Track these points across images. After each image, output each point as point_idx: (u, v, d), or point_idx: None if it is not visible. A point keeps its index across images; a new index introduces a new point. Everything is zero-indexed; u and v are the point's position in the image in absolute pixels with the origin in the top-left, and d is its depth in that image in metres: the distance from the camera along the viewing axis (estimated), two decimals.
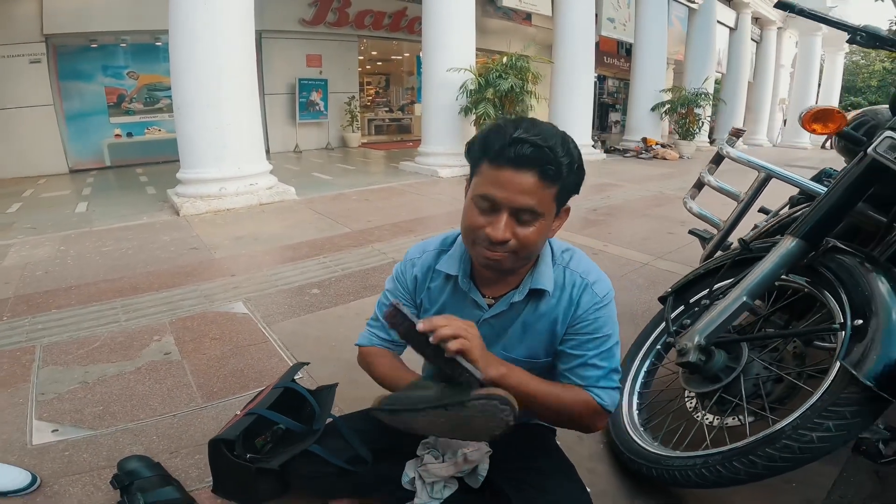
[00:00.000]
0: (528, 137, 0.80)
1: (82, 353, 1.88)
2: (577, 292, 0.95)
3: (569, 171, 0.83)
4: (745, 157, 1.55)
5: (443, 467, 1.00)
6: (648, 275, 2.64)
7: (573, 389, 0.94)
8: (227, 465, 1.06)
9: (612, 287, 0.97)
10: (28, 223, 4.08)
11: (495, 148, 0.82)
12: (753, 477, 0.94)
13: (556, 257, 0.99)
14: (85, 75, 7.62)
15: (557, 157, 0.81)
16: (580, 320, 0.94)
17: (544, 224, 0.86)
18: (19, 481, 1.20)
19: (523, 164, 0.80)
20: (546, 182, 0.82)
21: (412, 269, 1.05)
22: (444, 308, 1.02)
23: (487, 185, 0.84)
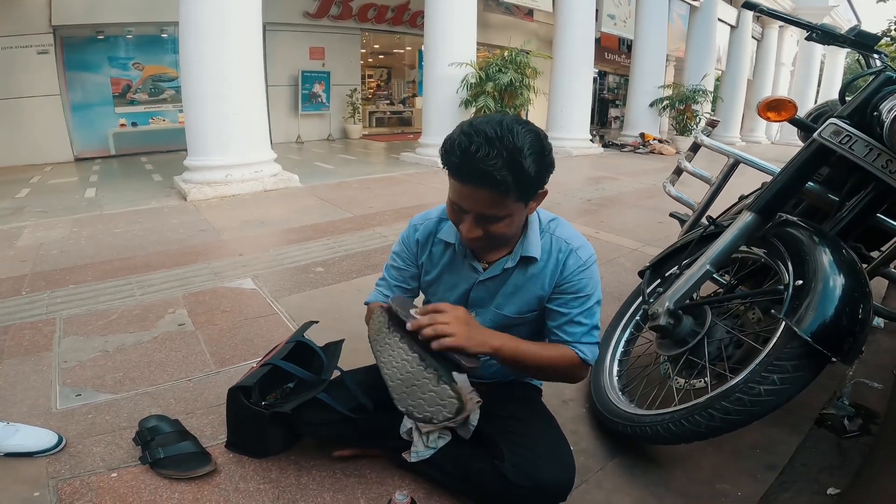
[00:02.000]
0: (475, 161, 0.85)
1: (101, 324, 1.98)
2: (562, 256, 1.06)
3: (524, 180, 0.88)
4: (716, 145, 1.68)
5: None
6: (637, 259, 2.76)
7: (559, 348, 1.06)
8: (243, 412, 1.18)
9: (594, 251, 1.09)
10: (39, 207, 4.20)
11: (451, 166, 0.90)
12: (713, 430, 1.04)
13: (542, 226, 1.09)
14: (91, 66, 7.70)
15: (506, 177, 0.86)
16: (566, 281, 1.05)
17: (511, 220, 0.95)
18: (46, 442, 1.26)
19: (476, 182, 0.87)
20: (501, 194, 0.88)
21: (414, 234, 1.16)
22: (444, 270, 1.14)
23: (453, 193, 0.94)
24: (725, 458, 1.27)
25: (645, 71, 9.55)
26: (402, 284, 1.20)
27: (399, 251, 1.19)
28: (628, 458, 1.28)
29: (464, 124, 0.91)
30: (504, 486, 1.01)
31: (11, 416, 1.38)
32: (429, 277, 1.17)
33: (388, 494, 1.13)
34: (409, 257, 1.18)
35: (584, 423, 1.40)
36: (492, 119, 0.89)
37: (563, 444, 1.09)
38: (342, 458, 1.23)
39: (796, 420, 1.40)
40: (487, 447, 1.10)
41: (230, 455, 1.24)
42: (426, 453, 1.13)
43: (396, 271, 1.20)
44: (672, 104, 9.45)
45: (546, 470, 1.00)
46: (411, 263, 1.19)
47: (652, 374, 1.40)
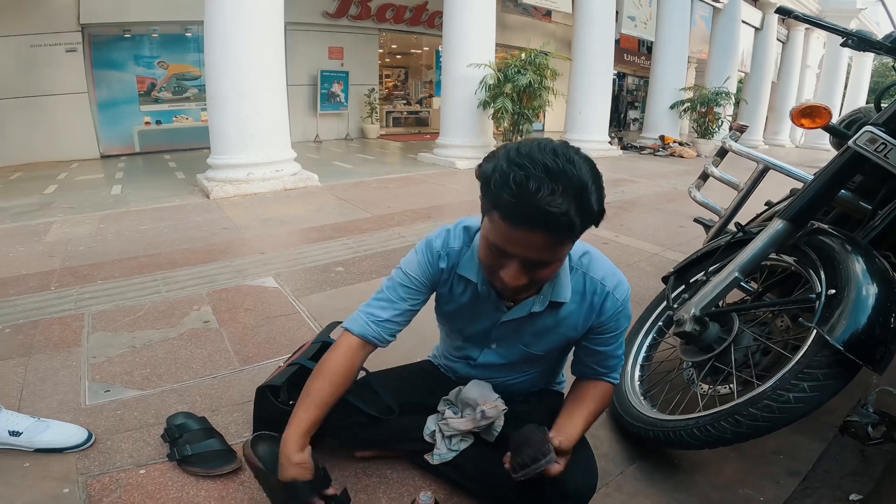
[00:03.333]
0: (539, 204, 0.72)
1: (129, 320, 2.01)
2: (598, 300, 0.98)
3: (590, 219, 0.78)
4: (745, 150, 1.66)
5: (461, 422, 1.11)
6: (657, 263, 2.74)
7: (598, 390, 1.07)
8: (270, 410, 1.19)
9: (628, 285, 1.01)
10: (66, 203, 4.31)
11: (503, 205, 0.76)
12: (738, 436, 1.04)
13: (573, 262, 0.98)
14: (118, 64, 7.87)
15: (572, 220, 0.74)
16: (603, 324, 1.00)
17: (562, 261, 0.87)
18: (76, 438, 1.28)
19: (536, 227, 0.75)
20: (561, 238, 0.79)
21: (439, 262, 1.03)
22: (464, 306, 1.05)
23: (498, 236, 0.80)
24: (748, 464, 1.27)
25: (666, 73, 9.44)
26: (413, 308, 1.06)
27: (416, 274, 1.04)
28: (649, 463, 1.27)
29: (510, 152, 0.77)
30: (526, 490, 1.01)
31: (41, 411, 1.40)
32: (447, 309, 1.10)
33: (409, 494, 1.14)
34: (424, 281, 1.04)
35: (605, 427, 1.40)
36: (543, 146, 0.76)
37: (586, 450, 1.08)
38: (364, 459, 1.24)
39: (820, 427, 1.39)
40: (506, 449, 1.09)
41: None
42: (448, 456, 1.13)
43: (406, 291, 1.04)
44: (693, 106, 9.32)
45: (569, 477, 0.98)
46: (426, 289, 1.06)
47: (675, 379, 1.39)
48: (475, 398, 1.11)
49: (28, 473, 1.18)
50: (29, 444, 1.24)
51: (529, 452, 0.91)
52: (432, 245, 1.03)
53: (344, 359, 1.03)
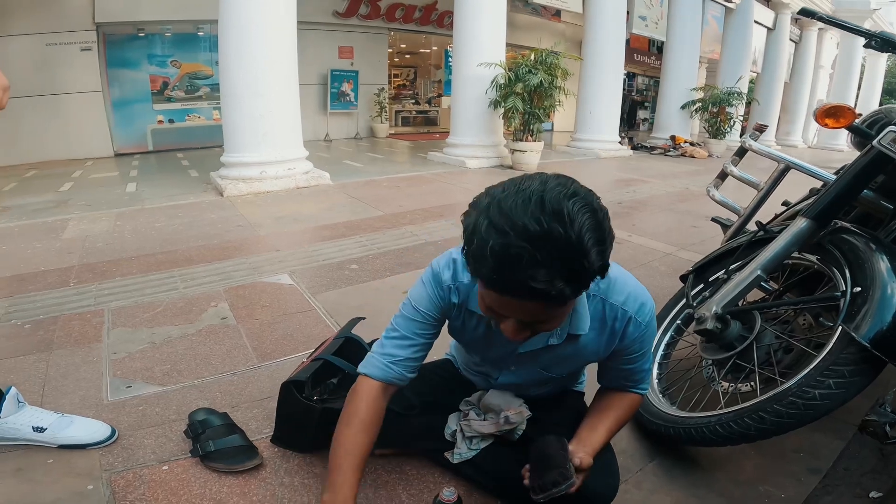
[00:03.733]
0: (520, 276, 0.64)
1: (148, 316, 2.03)
2: (620, 325, 0.92)
3: (587, 280, 0.69)
4: (765, 150, 1.65)
5: (484, 425, 1.12)
6: (671, 263, 2.73)
7: (625, 400, 1.05)
8: (294, 406, 1.19)
9: (651, 301, 0.95)
10: (82, 200, 4.37)
11: (489, 280, 0.69)
12: (762, 433, 1.04)
13: (590, 289, 0.86)
14: (132, 63, 7.94)
15: (560, 290, 0.66)
16: (627, 347, 0.96)
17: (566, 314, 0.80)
18: (100, 434, 1.28)
19: (524, 298, 0.68)
20: (556, 304, 0.70)
21: (450, 296, 0.97)
22: (480, 337, 1.01)
23: (489, 299, 0.75)
24: (768, 462, 1.27)
25: (677, 73, 9.40)
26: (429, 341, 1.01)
27: (427, 309, 0.98)
28: (668, 460, 1.27)
29: (491, 208, 0.66)
30: None
31: (64, 406, 1.40)
32: (462, 339, 1.09)
33: (428, 491, 1.15)
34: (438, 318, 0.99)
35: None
36: (528, 198, 0.65)
37: (608, 453, 1.07)
38: (383, 456, 1.24)
39: (840, 426, 1.39)
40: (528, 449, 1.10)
41: (275, 449, 1.27)
42: (469, 455, 1.14)
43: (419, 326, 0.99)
44: (705, 107, 9.26)
45: (591, 480, 0.97)
46: (438, 323, 1.01)
47: (694, 377, 1.39)
48: (499, 404, 1.12)
49: (52, 470, 1.19)
50: (53, 441, 1.25)
51: (551, 476, 0.89)
52: (441, 278, 0.96)
53: (372, 407, 0.98)
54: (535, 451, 0.95)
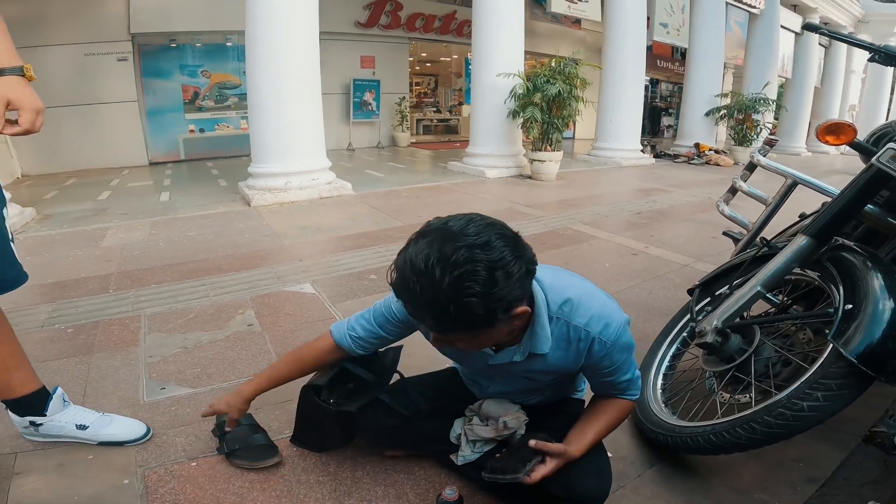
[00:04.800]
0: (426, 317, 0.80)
1: (181, 322, 2.15)
2: (584, 346, 0.98)
3: (490, 314, 0.78)
4: (773, 165, 1.68)
5: (485, 430, 1.19)
6: (687, 275, 2.74)
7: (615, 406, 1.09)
8: (312, 408, 1.27)
9: (619, 321, 0.98)
10: (120, 209, 4.59)
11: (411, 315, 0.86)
12: (753, 442, 1.08)
13: (553, 311, 0.97)
14: (165, 73, 8.24)
15: (461, 326, 0.80)
16: (596, 363, 1.01)
17: (503, 331, 0.88)
18: (137, 432, 1.38)
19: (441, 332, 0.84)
20: (471, 332, 0.83)
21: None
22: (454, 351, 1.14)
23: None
24: (766, 470, 1.30)
25: (700, 79, 9.29)
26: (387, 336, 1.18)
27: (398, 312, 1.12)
28: (667, 467, 1.31)
29: (409, 249, 0.81)
30: (541, 493, 1.07)
31: (104, 406, 1.50)
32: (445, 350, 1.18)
33: (434, 490, 1.22)
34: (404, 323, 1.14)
35: (625, 433, 1.44)
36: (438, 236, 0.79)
37: (601, 455, 1.13)
38: (393, 457, 1.32)
39: (843, 436, 1.41)
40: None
41: (294, 449, 1.36)
42: (472, 457, 1.21)
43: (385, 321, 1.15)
44: (730, 113, 9.12)
45: (582, 481, 1.04)
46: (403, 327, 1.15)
47: (697, 388, 1.43)
48: (496, 411, 1.18)
49: (91, 465, 1.29)
50: (94, 438, 1.35)
51: (510, 464, 1.00)
52: None
53: (316, 355, 1.23)
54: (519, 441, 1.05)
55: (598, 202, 4.78)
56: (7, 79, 1.00)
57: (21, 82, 1.02)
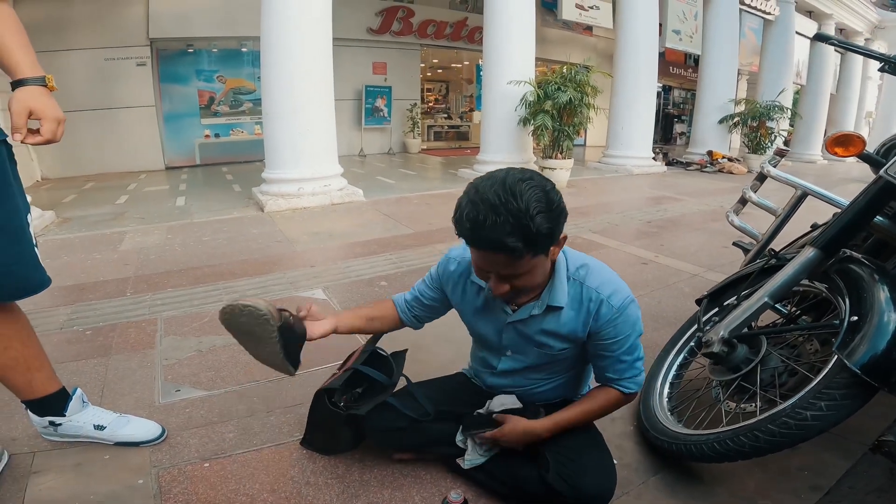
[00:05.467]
0: (484, 233, 0.90)
1: (196, 325, 2.19)
2: (593, 307, 1.08)
3: (535, 239, 0.91)
4: (783, 176, 1.68)
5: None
6: (697, 284, 2.73)
7: (602, 394, 1.17)
8: (323, 411, 1.31)
9: (628, 293, 1.10)
10: (137, 213, 4.69)
11: (463, 236, 0.95)
12: (756, 451, 1.09)
13: (571, 272, 1.11)
14: (182, 78, 8.37)
15: (514, 244, 0.89)
16: (601, 329, 1.09)
17: (535, 271, 1.00)
18: (153, 433, 1.42)
19: (492, 250, 0.92)
20: (516, 256, 0.92)
21: (450, 266, 1.24)
22: (478, 310, 1.22)
23: (473, 256, 1.02)
24: (771, 478, 1.30)
25: (714, 86, 9.24)
26: (422, 298, 1.32)
27: (433, 276, 1.29)
28: (671, 475, 1.32)
29: (470, 190, 0.95)
30: (547, 492, 1.11)
31: (120, 407, 1.54)
32: (467, 313, 1.26)
33: (440, 494, 1.24)
34: (437, 286, 1.28)
35: (630, 440, 1.45)
36: (496, 180, 0.92)
37: (605, 455, 1.17)
38: (401, 461, 1.34)
39: (849, 445, 1.41)
40: (534, 456, 1.19)
41: (304, 451, 1.39)
42: (479, 460, 1.23)
43: (424, 287, 1.32)
44: (744, 121, 9.06)
45: (588, 479, 1.08)
46: (437, 290, 1.29)
47: (703, 397, 1.44)
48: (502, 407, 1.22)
49: (108, 465, 1.32)
50: (111, 438, 1.38)
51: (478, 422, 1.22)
52: (450, 254, 1.25)
53: (381, 310, 1.35)
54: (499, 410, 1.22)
55: (609, 210, 4.77)
56: (30, 89, 1.04)
57: (43, 92, 1.06)
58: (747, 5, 9.70)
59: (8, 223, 1.09)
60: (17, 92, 1.04)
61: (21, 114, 1.02)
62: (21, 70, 1.05)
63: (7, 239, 1.09)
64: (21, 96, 1.03)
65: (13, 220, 1.10)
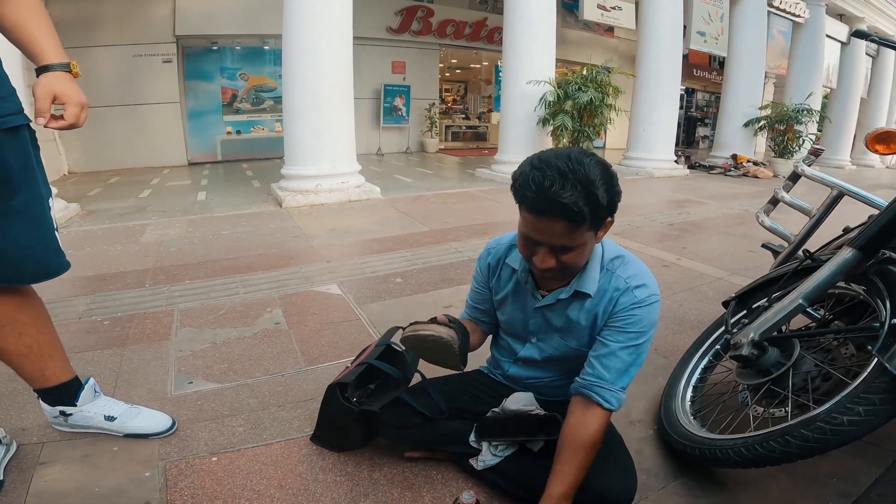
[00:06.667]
0: (551, 195, 0.89)
1: (211, 318, 2.20)
2: (617, 294, 1.07)
3: (595, 211, 0.92)
4: (819, 175, 1.61)
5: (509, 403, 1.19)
6: (720, 288, 2.65)
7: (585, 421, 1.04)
8: (336, 406, 1.28)
9: (655, 292, 1.07)
10: (159, 207, 4.77)
11: (526, 200, 0.94)
12: (787, 456, 1.04)
13: (605, 262, 1.10)
14: (206, 75, 8.53)
15: (581, 208, 0.89)
16: (616, 314, 1.07)
17: (584, 248, 0.99)
18: (163, 425, 1.40)
19: (552, 214, 0.91)
20: (574, 225, 0.92)
21: (487, 257, 1.26)
22: (510, 294, 1.21)
23: (527, 227, 0.98)
24: (797, 485, 1.25)
25: (739, 89, 9.03)
26: (478, 305, 1.31)
27: (475, 275, 1.30)
28: (692, 480, 1.27)
29: (532, 159, 0.95)
30: None
31: (132, 398, 1.53)
32: (497, 298, 1.25)
33: (451, 495, 1.20)
34: (482, 280, 1.29)
35: (650, 444, 1.41)
36: (559, 153, 0.93)
37: (627, 458, 1.13)
38: (412, 459, 1.31)
39: (880, 452, 1.35)
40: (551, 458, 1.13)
41: (313, 447, 1.36)
42: (492, 461, 1.20)
43: (474, 293, 1.32)
44: (771, 124, 8.83)
45: (609, 482, 1.04)
46: (484, 286, 1.28)
47: (728, 401, 1.39)
48: (518, 407, 1.18)
49: (116, 457, 1.31)
50: (120, 429, 1.36)
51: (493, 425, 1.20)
52: (486, 246, 1.28)
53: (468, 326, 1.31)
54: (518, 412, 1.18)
55: (630, 213, 4.68)
56: (54, 74, 1.05)
57: (68, 78, 1.07)
58: (776, 7, 9.48)
59: (30, 208, 1.09)
60: (42, 77, 1.04)
61: (45, 98, 1.03)
62: (46, 56, 1.05)
63: (29, 223, 1.09)
64: (46, 81, 1.04)
65: (35, 204, 1.11)
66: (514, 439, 1.18)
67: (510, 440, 1.19)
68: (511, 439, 1.19)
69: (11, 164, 1.04)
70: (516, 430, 1.17)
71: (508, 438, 1.18)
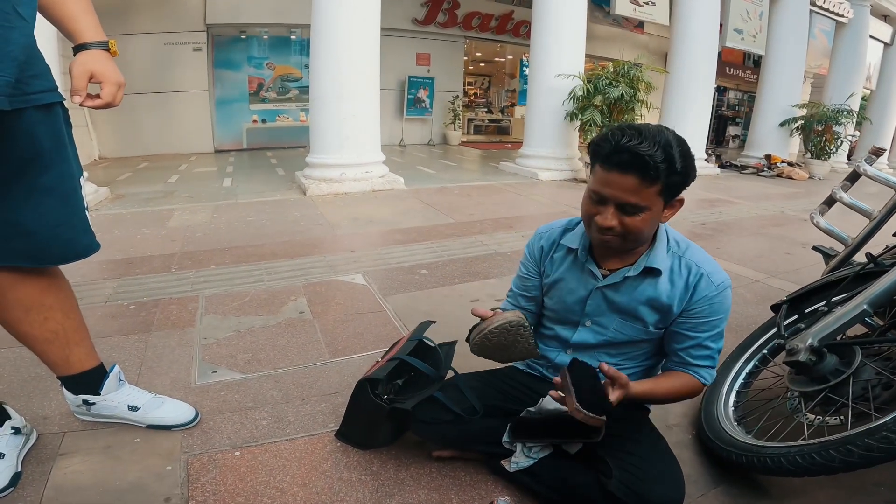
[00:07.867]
0: (629, 146, 0.92)
1: (236, 305, 2.18)
2: (693, 279, 1.06)
3: (669, 173, 0.93)
4: (882, 176, 1.50)
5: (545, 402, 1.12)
6: (758, 290, 2.54)
7: (680, 377, 1.10)
8: (366, 403, 1.23)
9: (727, 277, 1.07)
10: (186, 192, 4.82)
11: (603, 153, 0.96)
12: (847, 465, 0.99)
13: (671, 246, 1.09)
14: (234, 64, 8.60)
15: (656, 162, 0.91)
16: (696, 305, 1.06)
17: (649, 214, 0.98)
18: (186, 416, 1.36)
19: (625, 168, 0.93)
20: (647, 182, 0.93)
21: (539, 242, 1.23)
22: (564, 274, 1.18)
23: (598, 183, 0.98)
24: (844, 493, 1.20)
25: (776, 88, 8.73)
26: (525, 293, 1.26)
27: (524, 260, 1.26)
28: (734, 487, 1.22)
29: (612, 127, 0.99)
30: (606, 500, 1.02)
31: (156, 387, 1.50)
32: (549, 280, 1.21)
33: (480, 498, 1.15)
34: (532, 265, 1.25)
35: (689, 449, 1.35)
36: (637, 124, 0.97)
37: (674, 464, 1.09)
38: (440, 459, 1.26)
39: None
40: (590, 462, 1.10)
41: (338, 444, 1.31)
42: (526, 463, 1.14)
43: (520, 280, 1.27)
44: (808, 125, 8.51)
45: (656, 489, 1.00)
46: (534, 272, 1.24)
47: (777, 407, 1.33)
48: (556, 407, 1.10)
49: (137, 449, 1.27)
50: (143, 420, 1.33)
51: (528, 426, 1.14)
52: (536, 232, 1.25)
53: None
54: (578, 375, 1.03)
55: None
56: (92, 52, 1.03)
57: (106, 56, 1.05)
58: (819, 7, 9.15)
59: (60, 185, 1.07)
60: (80, 55, 1.02)
61: (82, 77, 1.01)
62: (84, 34, 1.03)
63: (58, 201, 1.07)
64: (83, 59, 1.02)
65: (66, 182, 1.08)
66: (550, 441, 1.12)
67: (546, 441, 1.13)
68: (547, 441, 1.12)
69: (43, 140, 1.02)
70: (553, 432, 1.11)
71: (545, 440, 1.12)
